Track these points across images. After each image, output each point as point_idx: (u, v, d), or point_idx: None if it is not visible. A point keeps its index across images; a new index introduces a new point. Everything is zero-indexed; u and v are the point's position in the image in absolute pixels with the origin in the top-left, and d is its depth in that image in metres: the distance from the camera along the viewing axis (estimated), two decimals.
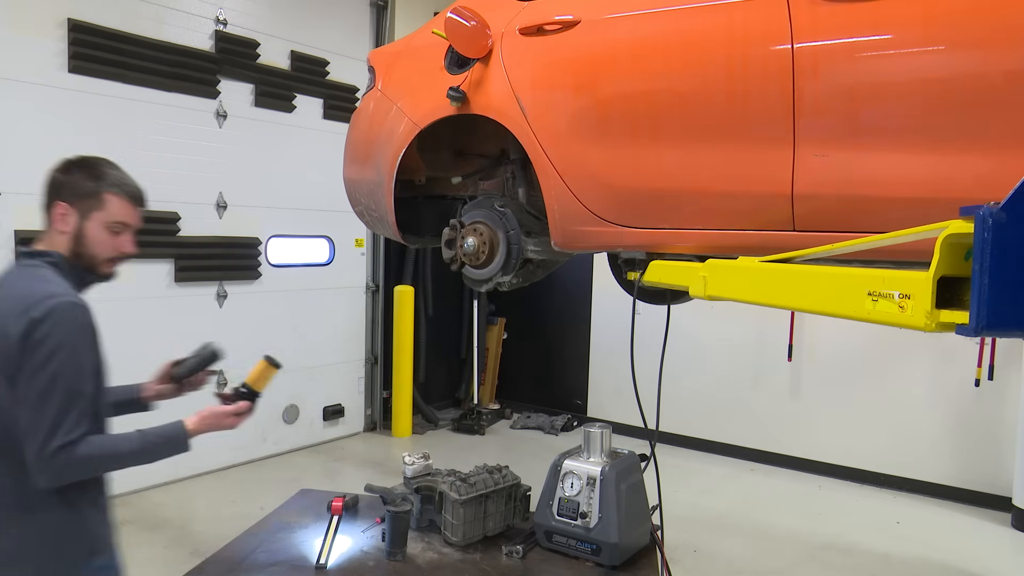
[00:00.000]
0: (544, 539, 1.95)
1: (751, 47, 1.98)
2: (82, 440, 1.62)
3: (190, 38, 4.96)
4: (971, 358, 4.93)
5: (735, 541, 4.37)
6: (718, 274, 1.97)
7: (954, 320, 1.28)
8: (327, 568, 1.83)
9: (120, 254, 1.84)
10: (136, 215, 1.85)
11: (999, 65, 1.66)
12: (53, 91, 4.31)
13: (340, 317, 6.19)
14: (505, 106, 2.46)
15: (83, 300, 1.72)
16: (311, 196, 5.79)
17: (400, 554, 1.88)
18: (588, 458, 1.96)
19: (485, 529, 2.00)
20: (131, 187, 1.84)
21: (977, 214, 1.18)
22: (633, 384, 2.37)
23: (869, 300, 1.45)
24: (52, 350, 1.61)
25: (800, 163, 1.91)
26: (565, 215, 2.40)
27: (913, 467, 5.24)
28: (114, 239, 1.81)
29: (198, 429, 1.84)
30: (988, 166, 1.68)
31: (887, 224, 1.63)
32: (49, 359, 1.61)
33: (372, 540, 1.99)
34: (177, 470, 5.03)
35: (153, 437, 1.77)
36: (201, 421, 1.85)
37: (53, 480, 1.63)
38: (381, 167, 2.84)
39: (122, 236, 1.83)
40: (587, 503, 1.87)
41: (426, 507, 2.05)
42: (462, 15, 2.52)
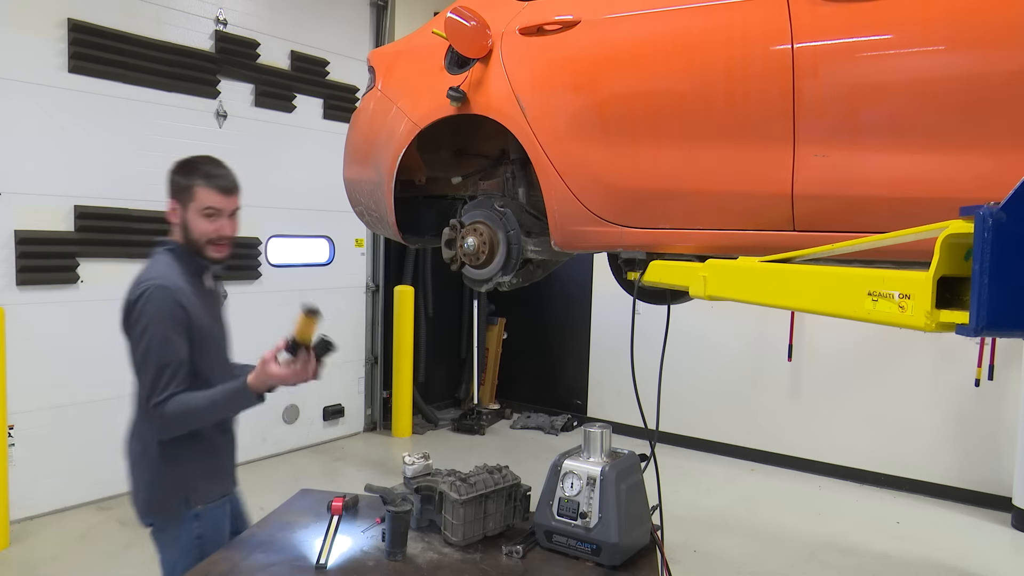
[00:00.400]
0: (544, 539, 1.95)
1: (751, 47, 1.98)
2: (170, 400, 1.96)
3: (190, 38, 4.96)
4: (971, 358, 4.93)
5: (735, 541, 4.37)
6: (718, 274, 1.97)
7: (954, 320, 1.28)
8: (327, 568, 1.83)
9: (220, 236, 2.12)
10: (225, 201, 2.12)
11: (999, 65, 1.66)
12: (53, 91, 4.31)
13: (340, 317, 6.19)
14: (505, 106, 2.46)
15: (172, 283, 2.02)
16: (311, 196, 5.79)
17: (400, 554, 1.88)
18: (588, 458, 1.96)
19: (485, 529, 2.00)
20: (217, 177, 2.11)
21: (977, 214, 1.18)
22: (633, 384, 2.37)
23: (869, 300, 1.45)
24: (143, 328, 2.00)
25: (800, 163, 1.91)
26: (565, 215, 2.40)
27: (913, 467, 5.24)
28: (211, 224, 2.10)
29: (255, 384, 1.98)
30: (988, 166, 1.68)
31: (887, 224, 1.63)
32: (141, 336, 2.00)
33: (372, 540, 1.99)
34: None
35: (221, 393, 2.00)
36: (256, 377, 1.98)
37: (158, 432, 2.04)
38: (381, 167, 2.84)
39: (218, 220, 2.11)
40: (587, 503, 1.87)
41: (426, 507, 2.04)
42: (462, 15, 2.52)
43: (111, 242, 4.59)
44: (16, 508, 4.11)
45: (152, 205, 4.78)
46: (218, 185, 2.10)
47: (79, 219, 4.43)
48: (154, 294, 2.00)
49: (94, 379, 4.56)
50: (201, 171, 2.10)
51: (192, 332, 2.04)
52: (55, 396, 4.39)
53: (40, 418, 4.30)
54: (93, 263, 4.52)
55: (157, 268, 2.07)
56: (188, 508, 2.08)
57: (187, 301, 2.04)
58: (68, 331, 4.43)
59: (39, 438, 4.30)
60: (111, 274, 4.63)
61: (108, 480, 4.64)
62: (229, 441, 2.28)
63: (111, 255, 4.61)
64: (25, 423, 4.21)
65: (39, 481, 4.30)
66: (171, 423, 2.00)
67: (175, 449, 2.07)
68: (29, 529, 4.18)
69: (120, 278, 4.82)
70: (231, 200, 2.14)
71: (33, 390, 4.25)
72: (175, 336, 2.00)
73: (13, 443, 4.14)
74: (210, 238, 2.11)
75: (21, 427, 4.18)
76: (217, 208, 2.10)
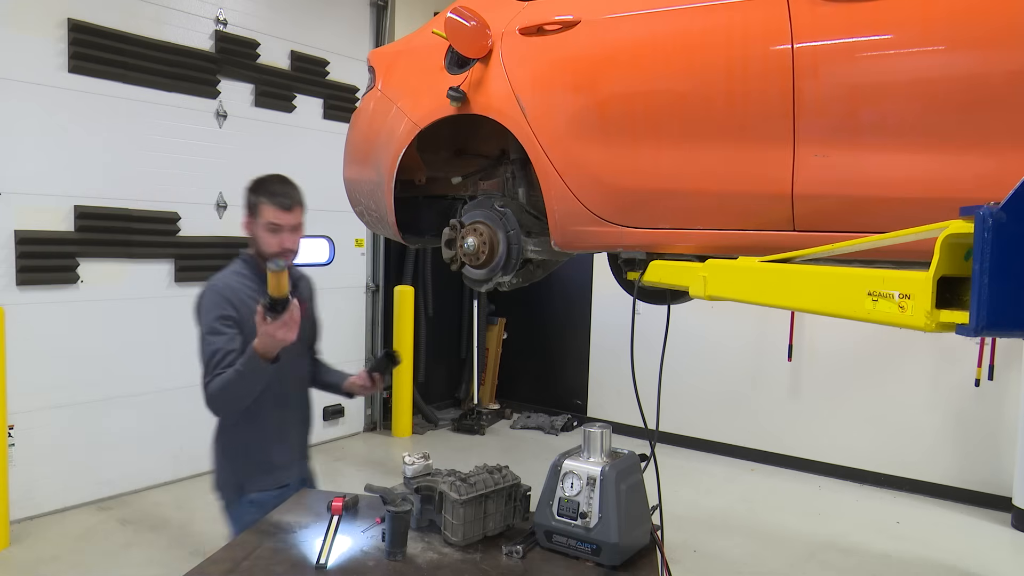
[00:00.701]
0: (544, 539, 1.95)
1: (751, 47, 1.98)
2: (213, 380, 2.19)
3: (190, 38, 4.96)
4: (971, 358, 4.93)
5: (735, 541, 4.37)
6: (718, 274, 1.97)
7: (954, 320, 1.28)
8: (327, 568, 1.83)
9: (283, 249, 2.35)
10: (286, 217, 2.34)
11: (999, 65, 1.66)
12: (53, 91, 4.31)
13: (340, 317, 6.19)
14: (505, 106, 2.46)
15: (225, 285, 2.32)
16: (311, 196, 5.70)
17: (400, 554, 1.88)
18: (588, 458, 1.96)
19: (485, 529, 2.00)
20: (279, 195, 2.34)
21: (977, 214, 1.18)
22: (633, 384, 2.37)
23: (869, 300, 1.44)
24: (199, 325, 2.29)
25: (800, 163, 1.91)
26: (565, 215, 2.40)
27: (913, 467, 5.24)
28: (274, 237, 2.34)
29: (261, 347, 2.12)
30: (988, 166, 1.68)
31: (887, 224, 1.63)
32: (200, 328, 2.29)
33: (372, 540, 1.99)
34: (177, 470, 5.03)
35: (240, 364, 2.15)
36: (258, 341, 2.12)
37: (212, 412, 2.27)
38: (381, 167, 2.84)
39: (281, 235, 2.34)
40: (587, 503, 1.87)
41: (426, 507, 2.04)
42: (462, 15, 2.52)
43: (111, 242, 4.59)
44: (16, 508, 4.11)
45: (152, 205, 4.79)
46: (279, 203, 2.32)
47: (79, 219, 4.43)
48: (206, 295, 2.32)
49: (94, 379, 4.56)
50: (266, 189, 2.35)
51: (244, 332, 2.24)
52: (55, 396, 4.39)
53: (40, 418, 4.30)
54: (93, 263, 4.52)
55: (221, 273, 2.39)
56: (243, 494, 2.36)
57: (239, 302, 2.29)
58: (68, 331, 4.43)
59: (39, 438, 4.30)
60: (111, 274, 4.63)
61: (108, 480, 4.65)
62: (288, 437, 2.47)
63: (111, 255, 4.61)
64: (25, 423, 4.21)
65: (39, 481, 4.30)
66: (215, 400, 2.21)
67: (234, 440, 2.37)
68: (29, 529, 4.18)
69: (120, 278, 4.89)
70: (292, 216, 2.35)
71: (33, 390, 4.25)
72: (223, 329, 2.24)
73: (13, 443, 4.14)
74: (275, 251, 2.33)
75: (21, 427, 4.19)
76: (278, 224, 2.32)
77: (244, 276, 2.38)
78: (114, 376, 4.67)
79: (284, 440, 2.46)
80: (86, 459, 4.54)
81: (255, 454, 2.39)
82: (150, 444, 4.86)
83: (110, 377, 4.65)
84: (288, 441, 2.48)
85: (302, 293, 2.51)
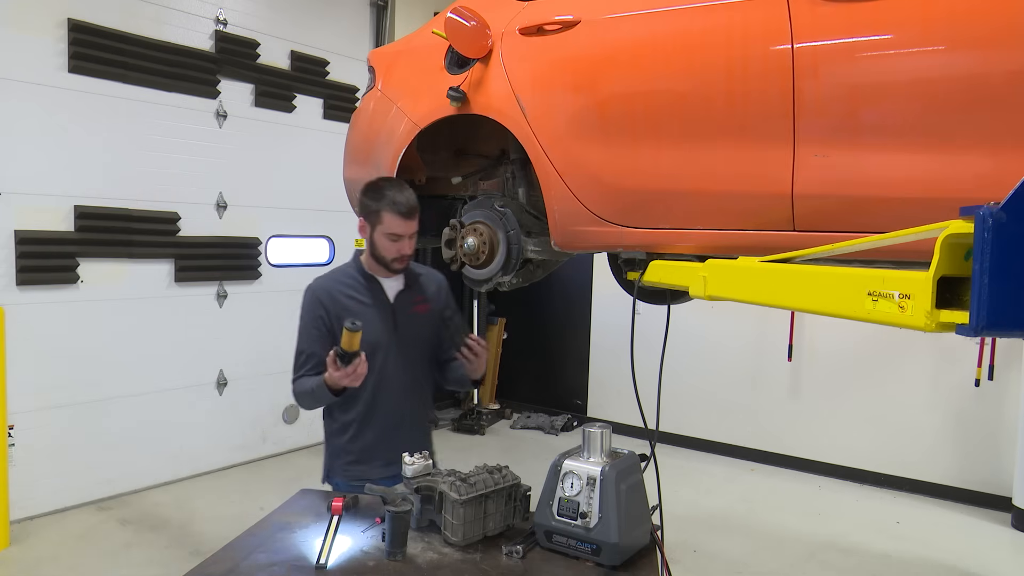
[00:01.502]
0: (544, 539, 1.95)
1: (751, 47, 1.98)
2: (296, 381, 2.40)
3: (190, 38, 4.96)
4: (971, 358, 4.93)
5: (735, 541, 4.37)
6: (718, 274, 1.97)
7: (954, 320, 1.28)
8: (327, 568, 1.83)
9: (401, 255, 2.38)
10: (406, 226, 2.34)
11: (999, 65, 1.66)
12: (53, 91, 4.31)
13: None
14: (505, 106, 2.46)
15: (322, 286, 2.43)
16: (311, 196, 5.79)
17: (400, 554, 1.87)
18: (588, 458, 1.96)
19: (485, 529, 2.00)
20: (401, 205, 2.32)
21: (977, 214, 1.18)
22: (633, 384, 2.37)
23: (869, 300, 1.44)
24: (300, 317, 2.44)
25: (800, 163, 1.91)
26: (565, 215, 2.40)
27: (913, 467, 5.24)
28: (394, 245, 2.36)
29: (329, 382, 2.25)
30: (988, 166, 1.68)
31: (887, 224, 1.63)
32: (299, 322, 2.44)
33: (372, 540, 1.99)
34: (177, 470, 5.04)
35: (315, 383, 2.30)
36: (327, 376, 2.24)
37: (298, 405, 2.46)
38: (381, 167, 2.84)
39: (399, 242, 2.36)
40: (587, 503, 1.87)
41: (426, 507, 2.04)
42: (462, 15, 2.52)
43: (111, 242, 4.59)
44: (16, 508, 4.11)
45: (152, 205, 4.79)
46: (400, 212, 2.32)
47: (79, 219, 4.43)
48: (306, 294, 2.45)
49: (94, 379, 4.56)
50: (388, 197, 2.32)
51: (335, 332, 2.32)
52: (55, 396, 4.39)
53: (40, 418, 4.30)
54: (93, 263, 4.52)
55: (328, 272, 2.52)
56: (330, 479, 2.52)
57: (331, 303, 2.39)
58: (68, 331, 4.43)
59: (39, 438, 4.30)
60: (111, 274, 4.63)
61: (108, 480, 4.65)
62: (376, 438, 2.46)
63: (111, 255, 4.61)
64: (25, 423, 4.21)
65: (39, 481, 4.30)
66: (298, 399, 2.41)
67: (330, 428, 2.50)
68: (29, 529, 4.18)
69: (120, 278, 4.89)
70: (411, 224, 2.35)
71: (33, 390, 4.25)
72: (312, 330, 2.39)
73: (13, 443, 4.14)
74: (394, 256, 2.37)
75: (21, 427, 4.18)
76: (399, 233, 2.34)
77: (347, 277, 2.45)
78: (114, 376, 4.67)
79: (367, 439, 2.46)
80: (86, 459, 4.54)
81: (338, 445, 2.49)
82: (150, 444, 4.86)
83: (110, 377, 4.65)
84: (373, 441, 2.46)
85: (425, 291, 2.54)
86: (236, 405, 5.40)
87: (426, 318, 2.52)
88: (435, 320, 2.56)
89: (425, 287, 2.56)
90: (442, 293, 2.60)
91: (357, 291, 2.43)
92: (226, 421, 5.35)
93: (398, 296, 2.47)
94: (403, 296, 2.48)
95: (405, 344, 2.46)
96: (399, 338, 2.45)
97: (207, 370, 5.23)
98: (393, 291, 2.47)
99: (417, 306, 2.50)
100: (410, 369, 2.49)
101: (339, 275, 2.47)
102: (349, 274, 2.46)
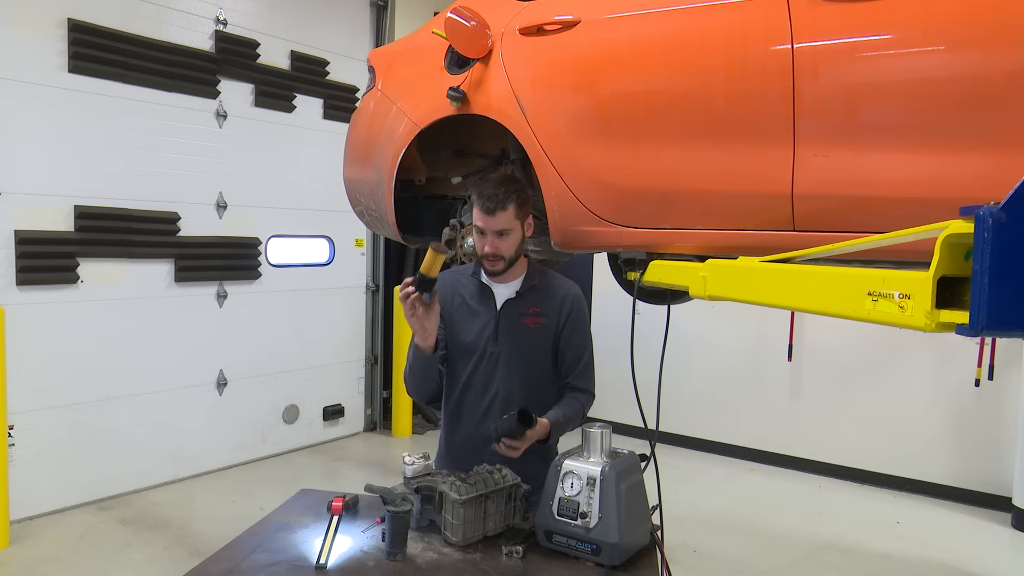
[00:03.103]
0: (544, 539, 1.95)
1: (751, 47, 1.98)
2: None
3: (190, 38, 4.96)
4: (971, 358, 4.93)
5: (735, 541, 4.37)
6: (718, 274, 1.97)
7: (954, 320, 1.28)
8: (327, 568, 1.83)
9: (486, 253, 2.21)
10: (488, 221, 2.16)
11: (999, 65, 1.66)
12: (53, 91, 4.31)
13: (340, 317, 6.20)
14: (505, 106, 2.46)
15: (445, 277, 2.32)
16: (311, 196, 5.79)
17: (400, 554, 1.87)
18: (588, 458, 1.96)
19: (485, 529, 2.00)
20: (484, 196, 2.16)
21: (977, 214, 1.18)
22: (633, 384, 2.37)
23: (869, 300, 1.44)
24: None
25: (800, 163, 1.91)
26: (565, 215, 2.40)
27: (913, 467, 5.24)
28: (480, 240, 2.21)
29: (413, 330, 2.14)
30: (988, 166, 1.68)
31: (887, 224, 1.63)
32: None
33: (372, 540, 1.99)
34: (177, 470, 5.04)
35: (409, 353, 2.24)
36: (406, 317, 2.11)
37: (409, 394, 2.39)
38: (381, 167, 2.84)
39: (485, 238, 2.19)
40: (587, 503, 1.87)
41: (426, 507, 2.04)
42: (462, 15, 2.52)
43: (111, 242, 4.59)
44: (16, 508, 4.11)
45: (152, 205, 4.79)
46: (483, 205, 2.16)
47: (79, 219, 4.43)
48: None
49: (94, 379, 4.56)
50: (479, 189, 2.19)
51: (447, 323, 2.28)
52: (55, 396, 4.39)
53: (40, 418, 4.30)
54: (93, 263, 4.52)
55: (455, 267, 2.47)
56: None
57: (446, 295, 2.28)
58: (68, 331, 4.43)
59: (39, 438, 4.30)
60: (111, 274, 4.63)
61: (108, 480, 4.64)
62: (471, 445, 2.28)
63: (111, 255, 4.61)
64: (25, 423, 4.21)
65: (39, 481, 4.30)
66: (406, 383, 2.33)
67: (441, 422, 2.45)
68: (29, 529, 4.18)
69: (120, 278, 4.89)
70: (496, 221, 2.16)
71: (33, 390, 4.25)
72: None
73: (13, 443, 4.14)
74: (482, 251, 2.22)
75: (21, 427, 4.18)
76: (481, 228, 2.19)
77: (466, 276, 2.34)
78: (114, 376, 4.67)
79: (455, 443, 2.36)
80: (86, 459, 4.53)
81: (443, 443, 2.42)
82: (150, 444, 4.86)
83: (110, 377, 4.65)
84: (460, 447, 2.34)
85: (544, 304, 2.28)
86: (236, 405, 5.40)
87: (536, 333, 2.27)
88: (549, 337, 2.29)
89: (545, 300, 2.28)
90: (565, 308, 2.29)
91: (468, 291, 2.30)
92: (226, 421, 5.35)
93: (507, 304, 2.27)
94: (512, 305, 2.26)
95: (505, 357, 2.26)
96: (497, 349, 2.25)
97: (207, 370, 5.23)
98: (503, 298, 2.27)
99: (527, 318, 2.27)
100: (506, 385, 2.26)
101: (462, 271, 2.37)
102: (468, 273, 2.34)
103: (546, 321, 2.28)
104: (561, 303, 2.29)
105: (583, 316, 2.33)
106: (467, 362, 2.29)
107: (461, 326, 2.30)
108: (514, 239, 2.20)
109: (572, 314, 2.30)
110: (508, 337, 2.26)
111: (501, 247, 2.18)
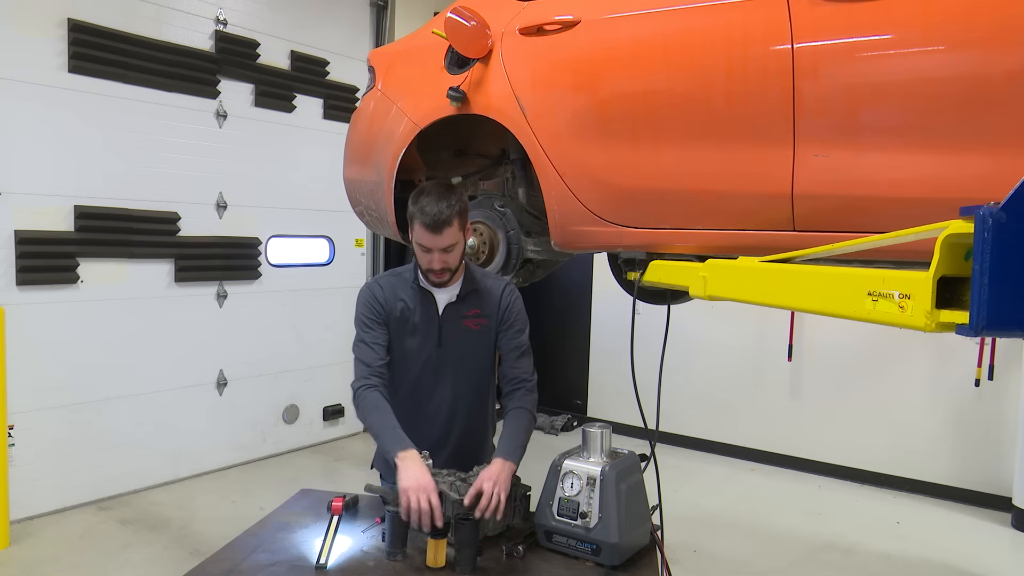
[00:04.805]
0: (544, 539, 1.95)
1: (751, 47, 1.98)
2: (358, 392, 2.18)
3: (190, 38, 4.96)
4: (971, 358, 4.93)
5: (735, 541, 4.37)
6: (718, 274, 1.97)
7: (954, 320, 1.28)
8: (327, 568, 1.83)
9: (432, 268, 2.17)
10: (431, 239, 2.11)
11: (999, 65, 1.66)
12: (53, 91, 4.30)
13: (340, 317, 6.18)
14: (505, 106, 2.46)
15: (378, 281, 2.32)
16: (311, 196, 5.79)
17: (400, 554, 1.88)
18: (588, 458, 1.96)
19: (485, 529, 2.00)
20: (427, 215, 2.09)
21: (977, 214, 1.18)
22: (633, 384, 2.37)
23: (869, 300, 1.45)
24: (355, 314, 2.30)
25: (800, 163, 1.92)
26: (565, 215, 2.40)
27: (913, 467, 5.24)
28: (424, 256, 2.17)
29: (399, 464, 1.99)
30: (988, 166, 1.68)
31: (887, 224, 1.63)
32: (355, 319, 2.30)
33: (372, 540, 1.99)
34: (177, 470, 5.03)
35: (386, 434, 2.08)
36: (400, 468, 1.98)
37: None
38: (381, 167, 2.84)
39: (430, 255, 2.15)
40: (587, 503, 1.87)
41: None
42: (462, 15, 2.52)
43: (111, 242, 4.59)
44: (16, 508, 4.11)
45: (152, 205, 4.79)
46: (427, 223, 2.09)
47: (79, 219, 4.43)
48: (362, 291, 2.32)
49: (94, 379, 4.56)
50: (420, 203, 2.10)
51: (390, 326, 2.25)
52: (55, 396, 4.39)
53: (40, 418, 4.30)
54: (93, 263, 4.52)
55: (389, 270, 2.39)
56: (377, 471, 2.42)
57: (388, 298, 2.26)
58: (68, 331, 4.43)
59: (39, 438, 4.29)
60: (111, 274, 4.63)
61: (108, 480, 4.64)
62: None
63: (111, 255, 4.61)
64: (25, 423, 4.21)
65: (39, 481, 4.30)
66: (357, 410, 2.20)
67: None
68: (29, 529, 4.18)
69: (120, 278, 4.89)
70: (441, 238, 2.10)
71: (33, 390, 4.25)
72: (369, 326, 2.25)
73: (13, 443, 4.14)
74: (425, 268, 2.20)
75: (21, 427, 4.18)
76: (424, 246, 2.14)
77: (405, 281, 2.29)
78: (114, 376, 4.67)
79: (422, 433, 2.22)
80: (86, 459, 4.53)
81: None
82: (150, 444, 4.85)
83: (110, 377, 4.65)
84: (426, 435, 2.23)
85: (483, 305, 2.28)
86: (236, 405, 5.40)
87: (479, 334, 2.28)
88: (491, 336, 2.31)
89: (485, 300, 2.29)
90: (503, 302, 2.30)
91: (409, 296, 2.27)
92: (226, 421, 5.34)
93: (447, 309, 2.26)
94: (453, 309, 2.26)
95: (449, 362, 2.27)
96: (442, 355, 2.26)
97: (207, 370, 5.23)
98: (444, 303, 2.27)
99: (469, 320, 2.27)
100: (452, 389, 2.28)
101: (401, 274, 2.31)
102: (407, 277, 2.29)
103: (487, 321, 2.29)
104: (499, 300, 2.31)
105: (519, 305, 2.35)
106: (413, 368, 2.27)
107: (404, 333, 2.27)
108: (459, 250, 2.19)
109: (509, 305, 2.32)
110: (451, 341, 2.27)
111: (449, 261, 2.16)
